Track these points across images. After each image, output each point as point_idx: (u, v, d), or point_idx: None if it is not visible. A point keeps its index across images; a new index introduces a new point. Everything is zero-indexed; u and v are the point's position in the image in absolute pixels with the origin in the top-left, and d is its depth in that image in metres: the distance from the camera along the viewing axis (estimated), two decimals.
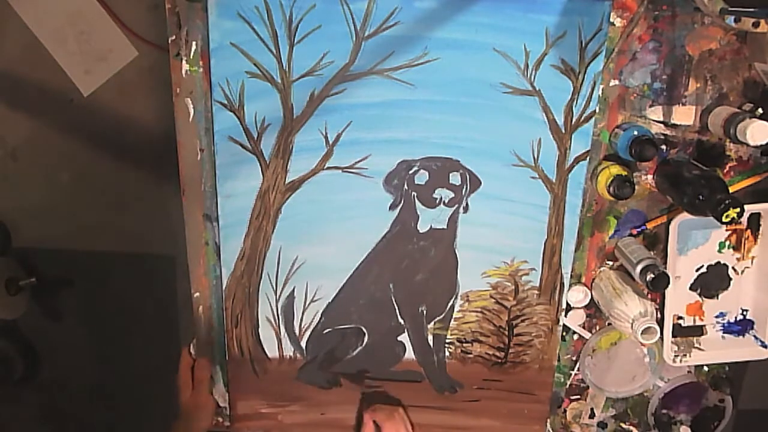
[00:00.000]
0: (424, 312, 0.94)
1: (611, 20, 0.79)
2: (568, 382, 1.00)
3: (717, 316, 0.96)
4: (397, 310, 0.94)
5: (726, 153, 0.87)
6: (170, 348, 1.83)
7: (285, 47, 0.80)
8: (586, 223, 0.90)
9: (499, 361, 0.97)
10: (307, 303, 0.93)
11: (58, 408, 1.97)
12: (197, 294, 0.93)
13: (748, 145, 0.76)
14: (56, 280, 1.85)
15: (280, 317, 0.94)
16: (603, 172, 0.84)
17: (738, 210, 0.74)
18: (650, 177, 0.87)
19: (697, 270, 0.93)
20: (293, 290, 0.92)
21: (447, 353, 0.96)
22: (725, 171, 0.88)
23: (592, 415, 1.02)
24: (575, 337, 0.97)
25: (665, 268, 0.86)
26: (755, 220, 0.91)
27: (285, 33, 0.79)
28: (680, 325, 0.95)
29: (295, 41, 0.80)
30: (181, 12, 0.79)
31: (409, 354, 0.96)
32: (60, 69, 1.68)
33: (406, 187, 0.87)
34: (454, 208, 0.88)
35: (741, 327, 0.96)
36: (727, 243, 0.92)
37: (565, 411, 1.02)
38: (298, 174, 0.86)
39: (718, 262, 0.93)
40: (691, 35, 0.81)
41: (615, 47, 0.81)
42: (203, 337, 0.96)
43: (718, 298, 0.95)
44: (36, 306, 1.85)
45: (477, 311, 0.94)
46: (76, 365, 1.92)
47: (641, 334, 0.84)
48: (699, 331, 0.96)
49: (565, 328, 0.95)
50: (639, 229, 0.90)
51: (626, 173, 0.83)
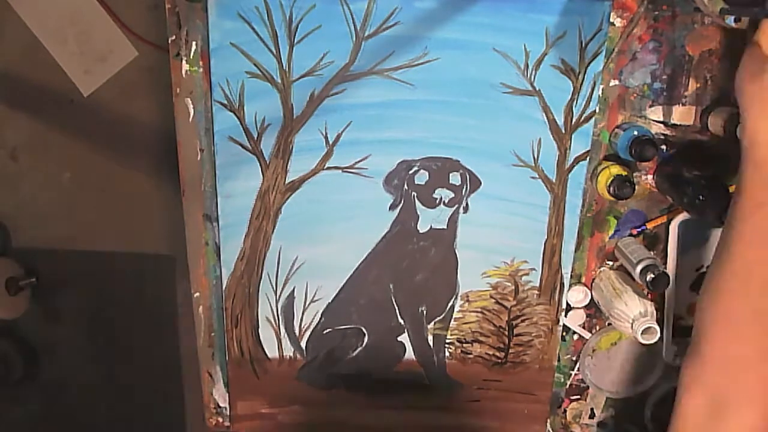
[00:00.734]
0: (424, 312, 0.94)
1: (611, 20, 0.79)
2: (568, 382, 1.00)
3: None
4: (397, 311, 0.94)
5: (726, 153, 0.87)
6: (170, 348, 1.85)
7: (285, 47, 0.80)
8: (586, 223, 0.90)
9: (499, 361, 0.97)
10: (307, 303, 0.93)
11: (58, 408, 1.97)
12: (197, 294, 0.93)
13: None
14: (56, 280, 1.85)
15: (280, 317, 0.94)
16: (603, 172, 0.84)
17: None
18: (650, 177, 0.87)
19: (697, 270, 0.93)
20: (293, 290, 0.92)
21: (447, 353, 0.96)
22: (725, 171, 0.88)
23: (592, 415, 1.02)
24: (575, 337, 0.97)
25: (665, 268, 0.86)
26: None
27: (285, 33, 0.79)
28: (680, 325, 0.95)
29: (295, 41, 0.80)
30: (181, 12, 0.79)
31: (409, 354, 0.96)
32: (60, 69, 1.69)
33: (406, 187, 0.87)
34: (454, 208, 0.88)
35: None
36: None
37: (565, 411, 1.02)
38: (298, 174, 0.86)
39: None
40: (691, 35, 0.81)
41: (615, 47, 0.81)
42: (203, 338, 0.96)
43: None
44: (36, 306, 1.85)
45: (477, 311, 0.94)
46: (76, 365, 1.92)
47: (641, 334, 0.84)
48: None
49: (565, 328, 0.95)
50: (639, 229, 0.90)
51: (626, 173, 0.83)
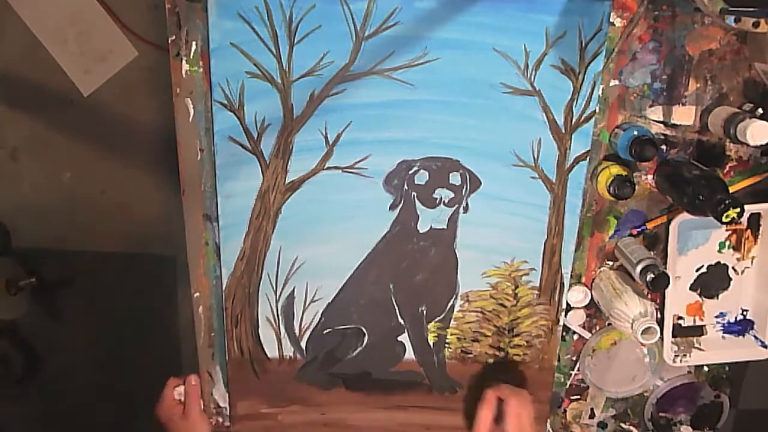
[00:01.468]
0: (424, 312, 0.94)
1: (611, 20, 0.79)
2: (568, 382, 1.00)
3: (717, 316, 0.96)
4: (397, 311, 0.94)
5: (726, 153, 0.87)
6: (170, 348, 1.85)
7: (285, 47, 0.80)
8: (586, 223, 0.90)
9: (499, 361, 0.96)
10: (307, 303, 0.93)
11: (58, 408, 1.97)
12: (197, 294, 0.93)
13: (748, 145, 0.76)
14: (56, 280, 1.85)
15: (280, 317, 0.94)
16: (603, 172, 0.84)
17: (738, 210, 0.74)
18: (650, 177, 0.87)
19: (697, 270, 0.93)
20: (293, 290, 0.92)
21: (447, 353, 0.96)
22: (725, 171, 0.88)
23: (592, 415, 1.02)
24: (575, 337, 0.97)
25: (665, 268, 0.86)
26: (755, 220, 0.91)
27: (285, 33, 0.79)
28: (680, 325, 0.95)
29: (295, 41, 0.80)
30: (181, 12, 0.79)
31: (409, 354, 0.96)
32: (60, 69, 1.68)
33: (406, 187, 0.87)
34: (454, 208, 0.88)
35: (741, 327, 0.96)
36: (727, 243, 0.92)
37: (565, 411, 1.02)
38: (298, 174, 0.86)
39: (718, 262, 0.93)
40: (691, 35, 0.81)
41: (615, 47, 0.81)
42: (203, 338, 0.96)
43: (718, 298, 0.95)
44: (36, 306, 1.85)
45: (477, 311, 0.94)
46: (76, 365, 1.92)
47: (641, 334, 0.84)
48: (699, 331, 0.96)
49: (565, 328, 0.95)
50: (639, 229, 0.90)
51: (626, 173, 0.83)
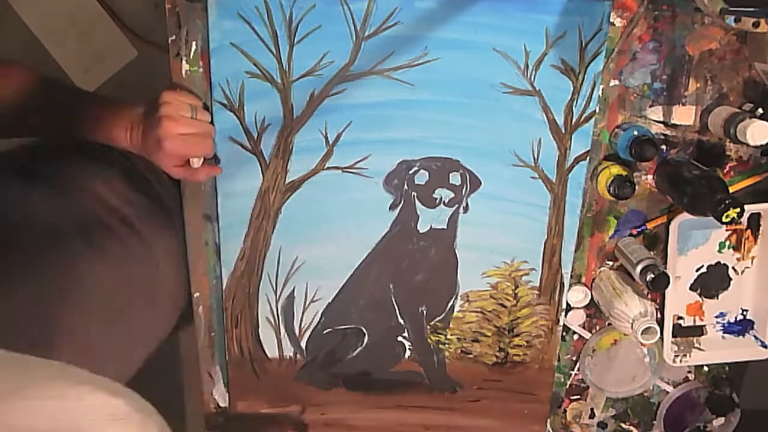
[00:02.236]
0: (424, 312, 0.94)
1: (611, 20, 0.79)
2: (568, 382, 1.00)
3: (717, 316, 0.96)
4: (397, 311, 0.94)
5: (726, 153, 0.87)
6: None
7: (285, 47, 0.80)
8: (586, 223, 0.90)
9: (499, 361, 0.96)
10: (307, 303, 0.93)
11: None
12: (197, 294, 0.93)
13: (748, 145, 0.76)
14: None
15: (280, 317, 0.94)
16: (603, 172, 0.84)
17: (738, 210, 0.74)
18: (650, 177, 0.87)
19: (697, 270, 0.93)
20: (293, 290, 0.92)
21: (447, 353, 0.96)
22: (725, 171, 0.88)
23: (592, 415, 1.02)
24: (575, 337, 0.97)
25: (665, 268, 0.86)
26: (755, 220, 0.91)
27: (285, 33, 0.79)
28: (680, 325, 0.95)
29: (295, 41, 0.80)
30: (181, 12, 0.79)
31: (409, 354, 0.96)
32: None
33: (406, 187, 0.87)
34: (454, 208, 0.88)
35: (741, 327, 0.96)
36: (727, 243, 0.92)
37: (565, 411, 1.02)
38: (298, 174, 0.86)
39: (718, 262, 0.93)
40: (691, 35, 0.81)
41: (615, 47, 0.81)
42: (203, 338, 0.96)
43: (718, 298, 0.95)
44: None
45: (477, 311, 0.93)
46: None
47: (641, 334, 0.84)
48: (699, 331, 0.96)
49: (565, 328, 0.95)
50: (639, 229, 0.90)
51: (626, 173, 0.83)
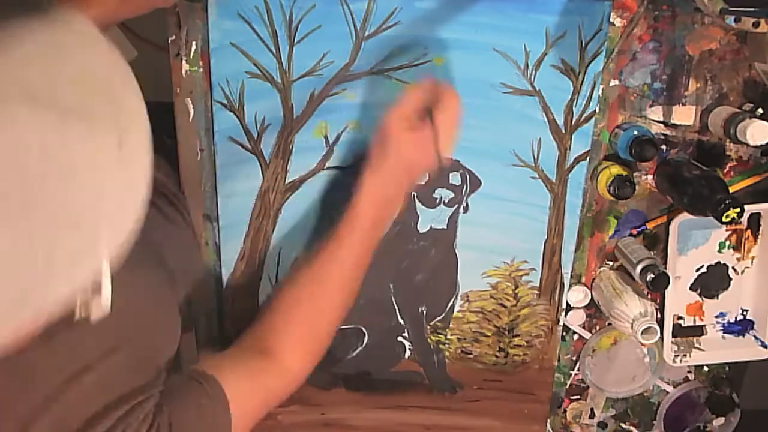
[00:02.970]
0: (424, 312, 0.94)
1: (611, 20, 0.79)
2: (568, 382, 1.00)
3: (717, 316, 0.96)
4: (397, 311, 0.94)
5: (726, 153, 0.87)
6: None
7: (285, 47, 0.80)
8: (586, 223, 0.90)
9: (499, 361, 0.96)
10: None
11: None
12: (197, 294, 0.93)
13: (748, 145, 0.76)
14: None
15: None
16: (603, 172, 0.84)
17: (738, 210, 0.74)
18: (650, 177, 0.87)
19: (697, 270, 0.93)
20: None
21: (447, 353, 0.96)
22: (725, 171, 0.88)
23: (592, 415, 1.02)
24: (575, 337, 0.97)
25: (665, 268, 0.86)
26: (755, 220, 0.91)
27: (285, 33, 0.79)
28: (680, 325, 0.95)
29: (295, 41, 0.80)
30: (181, 12, 0.79)
31: (409, 354, 0.96)
32: None
33: None
34: (454, 208, 0.88)
35: (741, 327, 0.96)
36: (727, 243, 0.92)
37: (565, 411, 1.02)
38: (298, 174, 0.86)
39: (718, 262, 0.93)
40: (691, 35, 0.81)
41: (615, 47, 0.81)
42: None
43: (718, 298, 0.95)
44: None
45: (477, 311, 0.93)
46: None
47: (641, 334, 0.84)
48: (699, 331, 0.96)
49: (565, 328, 0.95)
50: (639, 229, 0.90)
51: (626, 173, 0.83)
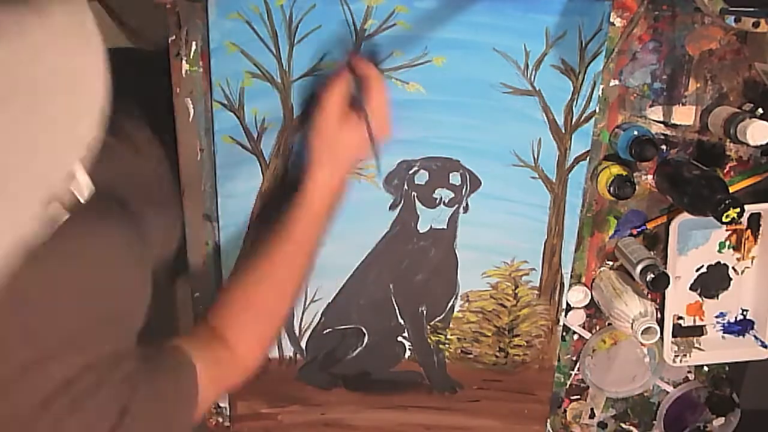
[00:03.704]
0: (424, 312, 0.94)
1: (611, 20, 0.79)
2: (568, 382, 1.00)
3: (717, 316, 0.96)
4: (397, 311, 0.94)
5: (726, 153, 0.87)
6: None
7: (285, 47, 0.80)
8: (586, 223, 0.90)
9: (499, 361, 0.96)
10: (307, 303, 0.93)
11: None
12: (197, 294, 0.93)
13: (748, 145, 0.76)
14: None
15: None
16: (603, 172, 0.84)
17: (738, 210, 0.74)
18: (650, 177, 0.87)
19: (697, 270, 0.93)
20: None
21: (447, 353, 0.96)
22: (725, 171, 0.88)
23: (592, 415, 1.02)
24: (575, 337, 0.97)
25: (665, 268, 0.86)
26: (755, 220, 0.91)
27: (285, 33, 0.79)
28: (680, 325, 0.95)
29: (295, 41, 0.80)
30: (181, 12, 0.79)
31: (409, 354, 0.96)
32: None
33: (406, 187, 0.87)
34: (454, 208, 0.88)
35: (741, 327, 0.96)
36: (727, 243, 0.92)
37: (565, 411, 1.02)
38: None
39: (718, 262, 0.93)
40: (691, 35, 0.81)
41: (615, 47, 0.81)
42: None
43: (718, 298, 0.95)
44: None
45: (477, 311, 0.93)
46: None
47: (641, 334, 0.84)
48: (699, 331, 0.96)
49: (565, 328, 0.95)
50: (639, 229, 0.90)
51: (626, 173, 0.83)
